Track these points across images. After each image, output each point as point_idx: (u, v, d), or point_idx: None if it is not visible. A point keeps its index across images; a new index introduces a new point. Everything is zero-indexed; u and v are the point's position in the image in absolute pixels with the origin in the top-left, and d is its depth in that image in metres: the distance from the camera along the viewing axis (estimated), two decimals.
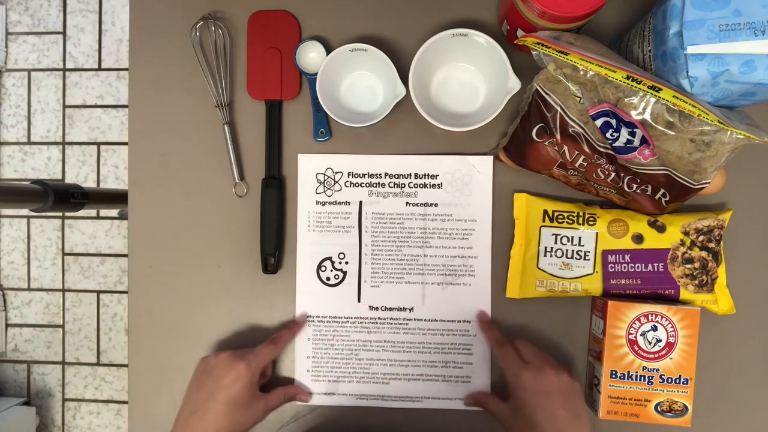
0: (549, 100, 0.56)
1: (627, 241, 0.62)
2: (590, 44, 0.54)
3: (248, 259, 0.68)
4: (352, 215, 0.67)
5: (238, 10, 0.68)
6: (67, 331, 1.63)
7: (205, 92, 0.68)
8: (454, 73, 0.65)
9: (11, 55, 1.62)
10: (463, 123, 0.62)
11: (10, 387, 1.64)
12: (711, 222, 0.61)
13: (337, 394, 0.67)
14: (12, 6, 1.62)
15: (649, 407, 0.58)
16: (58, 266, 1.63)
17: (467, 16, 0.66)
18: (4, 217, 1.64)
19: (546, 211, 0.63)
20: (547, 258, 0.63)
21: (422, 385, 0.66)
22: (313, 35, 0.67)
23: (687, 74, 0.49)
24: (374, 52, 0.62)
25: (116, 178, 1.62)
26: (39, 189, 0.85)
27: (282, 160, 0.68)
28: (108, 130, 1.61)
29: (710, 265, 0.61)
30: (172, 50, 0.69)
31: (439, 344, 0.66)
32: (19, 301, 1.64)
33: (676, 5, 0.49)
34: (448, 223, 0.66)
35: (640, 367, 0.58)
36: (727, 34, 0.48)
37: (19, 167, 1.63)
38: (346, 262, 0.67)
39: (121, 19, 1.60)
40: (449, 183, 0.66)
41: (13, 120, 1.63)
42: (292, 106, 0.68)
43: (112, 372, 1.62)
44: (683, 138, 0.51)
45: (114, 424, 1.63)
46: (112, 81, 1.60)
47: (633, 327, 0.58)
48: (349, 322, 0.67)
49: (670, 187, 0.56)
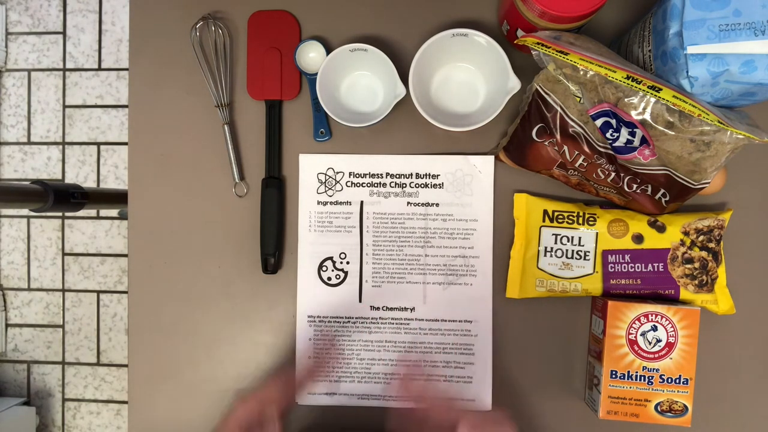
0: (549, 100, 0.56)
1: (627, 241, 0.62)
2: (590, 44, 0.54)
3: (248, 259, 0.68)
4: (354, 215, 0.67)
5: (238, 10, 0.68)
6: (67, 331, 1.63)
7: (205, 92, 0.68)
8: (454, 73, 0.65)
9: (11, 55, 1.62)
10: (463, 123, 0.62)
11: (10, 387, 1.64)
12: (711, 222, 0.61)
13: (339, 394, 0.67)
14: (12, 6, 1.62)
15: (649, 407, 0.58)
16: (58, 266, 1.62)
17: (467, 16, 0.66)
18: (4, 217, 1.64)
19: (546, 211, 0.64)
20: (547, 258, 0.63)
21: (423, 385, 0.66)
22: (313, 35, 0.67)
23: (687, 74, 0.49)
24: (374, 52, 0.62)
25: (116, 178, 1.62)
26: (39, 189, 0.85)
27: (282, 160, 0.68)
28: (108, 130, 1.60)
29: (710, 265, 0.61)
30: (172, 50, 0.69)
31: (441, 344, 0.66)
32: (19, 301, 1.64)
33: (676, 5, 0.49)
34: (450, 222, 0.66)
35: (640, 367, 0.58)
36: (727, 34, 0.48)
37: (19, 167, 1.63)
38: (347, 262, 0.67)
39: (121, 19, 1.60)
40: (450, 183, 0.66)
41: (13, 120, 1.63)
42: (292, 106, 0.68)
43: (112, 372, 1.62)
44: (683, 138, 0.51)
45: (114, 424, 1.63)
46: (112, 81, 1.60)
47: (633, 327, 0.58)
48: (350, 322, 0.67)
49: (670, 187, 0.56)
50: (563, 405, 0.65)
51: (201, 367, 0.68)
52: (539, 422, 0.66)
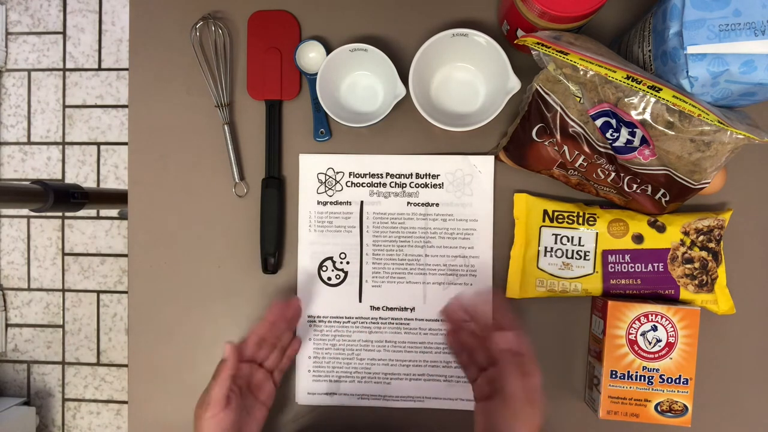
0: (549, 100, 0.56)
1: (627, 241, 0.62)
2: (590, 44, 0.54)
3: (248, 259, 0.68)
4: (354, 215, 0.67)
5: (238, 10, 0.68)
6: (67, 331, 1.63)
7: (205, 92, 0.68)
8: (454, 73, 0.65)
9: (11, 55, 1.62)
10: (463, 123, 0.62)
11: (10, 387, 1.64)
12: (711, 222, 0.61)
13: (339, 394, 0.67)
14: (12, 6, 1.62)
15: (649, 407, 0.58)
16: (58, 266, 1.62)
17: (467, 16, 0.66)
18: (4, 217, 1.64)
19: (546, 211, 0.64)
20: (547, 258, 0.63)
21: (423, 385, 0.66)
22: (313, 35, 0.67)
23: (687, 74, 0.49)
24: (374, 52, 0.62)
25: (116, 178, 1.62)
26: (39, 189, 0.85)
27: (282, 160, 0.68)
28: (108, 130, 1.60)
29: (710, 265, 0.61)
30: (172, 50, 0.69)
31: (441, 344, 0.66)
32: (19, 301, 1.64)
33: (676, 5, 0.49)
34: (449, 222, 0.66)
35: (640, 367, 0.58)
36: (727, 34, 0.48)
37: (19, 167, 1.63)
38: (347, 262, 0.67)
39: (121, 19, 1.60)
40: (450, 183, 0.66)
41: (13, 120, 1.63)
42: (292, 106, 0.68)
43: (112, 372, 1.62)
44: (683, 138, 0.51)
45: (114, 424, 1.63)
46: (112, 81, 1.60)
47: (633, 327, 0.58)
48: (350, 322, 0.67)
49: (670, 187, 0.56)
50: (563, 405, 0.65)
51: (201, 367, 0.68)
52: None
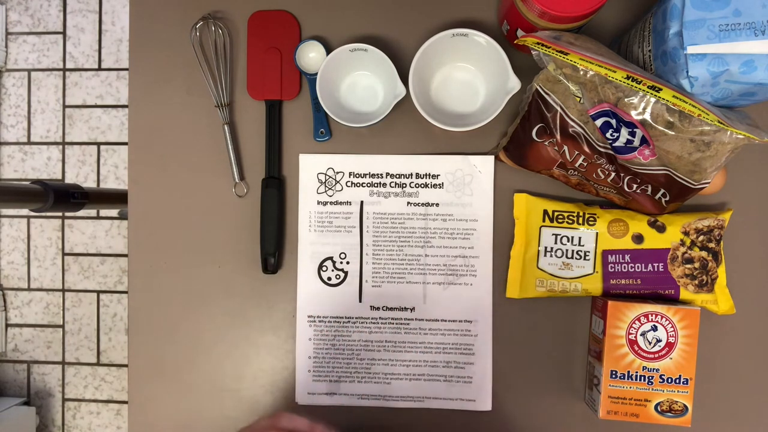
0: (549, 100, 0.56)
1: (627, 241, 0.62)
2: (590, 44, 0.54)
3: (248, 259, 0.68)
4: (354, 215, 0.67)
5: (238, 10, 0.68)
6: (67, 331, 1.63)
7: (205, 92, 0.68)
8: (454, 73, 0.65)
9: (11, 55, 1.62)
10: (463, 123, 0.62)
11: (10, 387, 1.64)
12: (711, 222, 0.61)
13: (339, 394, 0.67)
14: (12, 6, 1.62)
15: (649, 407, 0.58)
16: (58, 266, 1.62)
17: (467, 16, 0.66)
18: (4, 217, 1.64)
19: (546, 211, 0.64)
20: (547, 258, 0.63)
21: (424, 385, 0.66)
22: (313, 35, 0.67)
23: (687, 74, 0.49)
24: (374, 52, 0.62)
25: (116, 178, 1.62)
26: (39, 189, 0.85)
27: (282, 160, 0.68)
28: (108, 130, 1.60)
29: (710, 265, 0.61)
30: (172, 50, 0.69)
31: (441, 344, 0.66)
32: (19, 301, 1.64)
33: (676, 5, 0.49)
34: (450, 222, 0.66)
35: (640, 367, 0.58)
36: (727, 34, 0.48)
37: (19, 167, 1.63)
38: (347, 262, 0.67)
39: (121, 19, 1.60)
40: (450, 183, 0.66)
41: (13, 120, 1.63)
42: (292, 106, 0.68)
43: (112, 372, 1.62)
44: (683, 138, 0.51)
45: (114, 424, 1.63)
46: (112, 81, 1.60)
47: (633, 327, 0.58)
48: (350, 322, 0.67)
49: (670, 187, 0.56)
50: (563, 405, 0.65)
51: (201, 367, 0.68)
52: (539, 422, 0.66)
